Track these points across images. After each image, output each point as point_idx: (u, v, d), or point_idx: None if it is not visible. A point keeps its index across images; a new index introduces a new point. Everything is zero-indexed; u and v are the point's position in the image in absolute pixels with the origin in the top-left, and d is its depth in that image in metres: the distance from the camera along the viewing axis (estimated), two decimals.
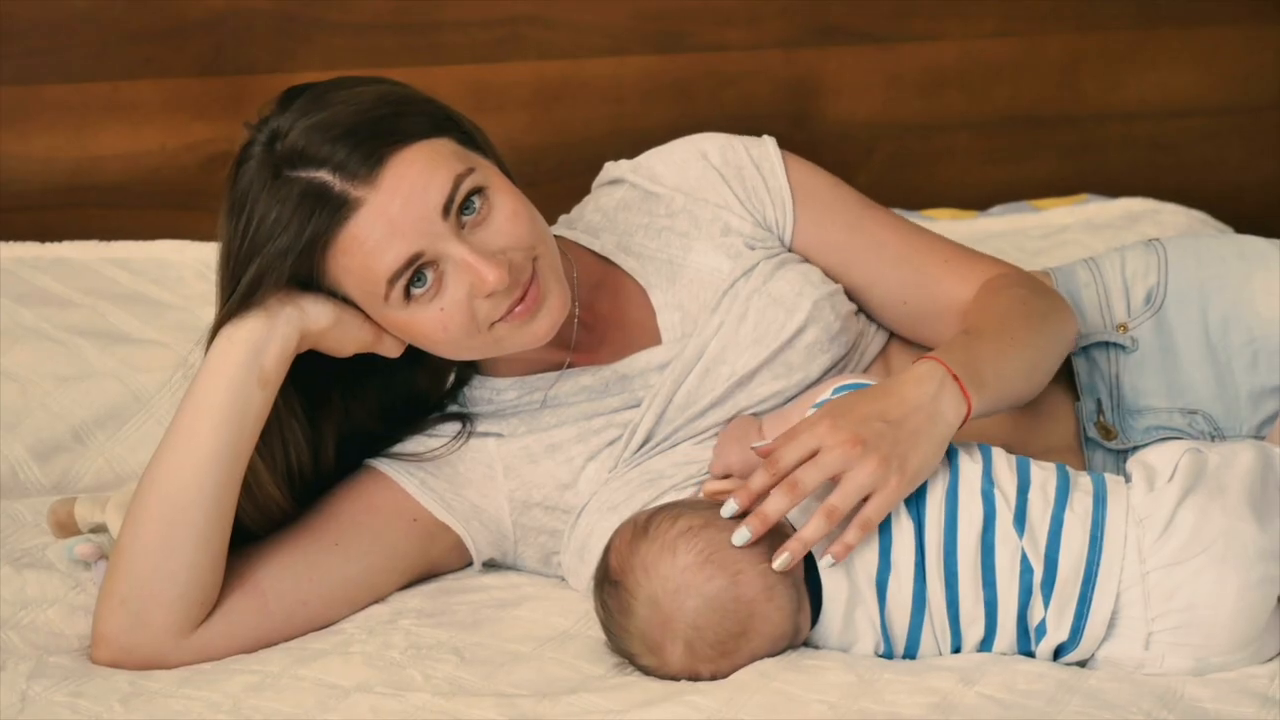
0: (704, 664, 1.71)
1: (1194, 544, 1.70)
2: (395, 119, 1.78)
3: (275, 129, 1.79)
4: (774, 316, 1.92)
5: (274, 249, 1.77)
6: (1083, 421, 2.00)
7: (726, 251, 1.96)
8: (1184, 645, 1.71)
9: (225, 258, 1.82)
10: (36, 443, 2.24)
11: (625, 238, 1.99)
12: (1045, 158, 2.95)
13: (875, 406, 1.73)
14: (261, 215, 1.77)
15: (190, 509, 1.79)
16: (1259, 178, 3.01)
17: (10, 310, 2.38)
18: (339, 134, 1.76)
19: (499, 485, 1.93)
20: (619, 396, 1.93)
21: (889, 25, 2.84)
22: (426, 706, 1.70)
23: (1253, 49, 2.97)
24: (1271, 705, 1.65)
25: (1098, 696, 1.66)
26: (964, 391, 1.75)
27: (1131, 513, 1.73)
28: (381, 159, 1.76)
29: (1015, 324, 1.86)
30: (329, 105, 1.79)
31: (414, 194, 1.76)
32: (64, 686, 1.73)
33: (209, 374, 1.81)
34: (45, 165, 2.60)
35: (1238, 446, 1.79)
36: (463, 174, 1.78)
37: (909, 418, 1.72)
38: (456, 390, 1.98)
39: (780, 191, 1.98)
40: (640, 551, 1.71)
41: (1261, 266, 2.04)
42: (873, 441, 1.70)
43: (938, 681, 1.68)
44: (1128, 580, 1.71)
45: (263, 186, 1.77)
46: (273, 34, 2.63)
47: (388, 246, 1.76)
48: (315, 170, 1.76)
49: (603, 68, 2.75)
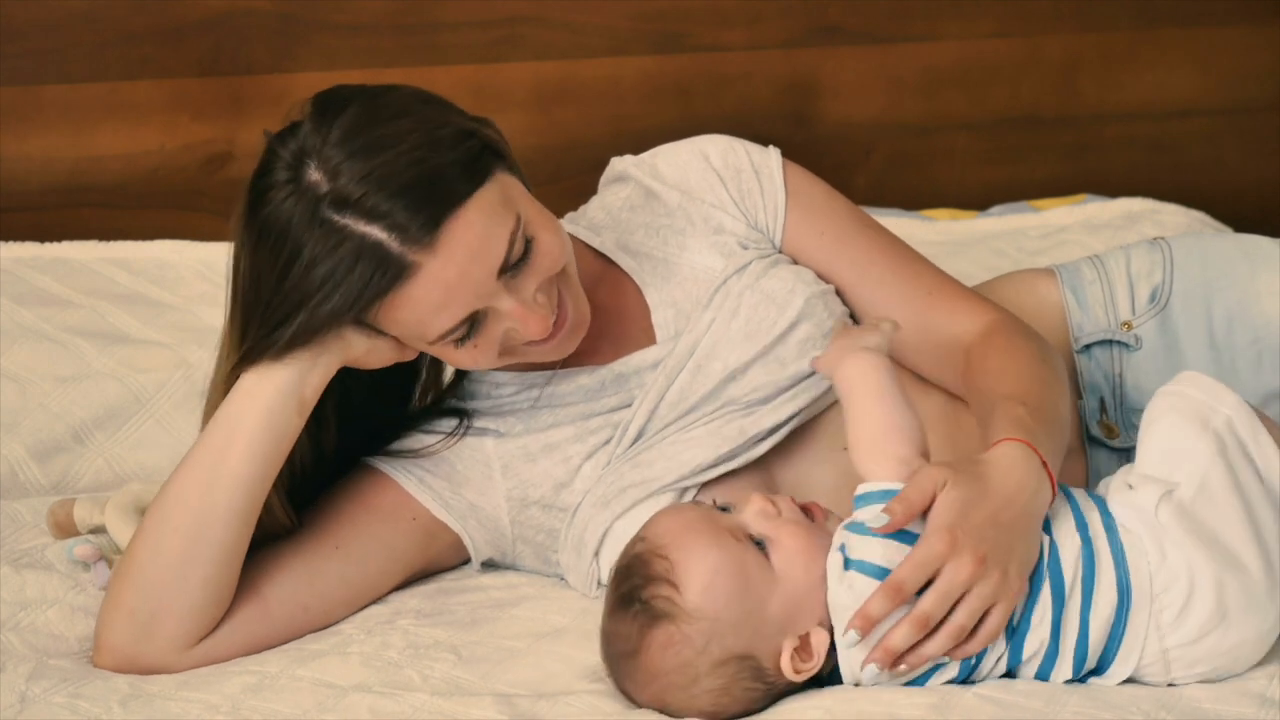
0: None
1: (1212, 618, 1.67)
2: (450, 170, 1.75)
3: (311, 152, 1.75)
4: (766, 313, 1.92)
5: (328, 309, 1.75)
6: (1085, 420, 2.00)
7: (720, 250, 1.96)
8: (1209, 684, 1.70)
9: (254, 285, 1.77)
10: (36, 443, 2.24)
11: (625, 236, 2.00)
12: (1045, 158, 2.95)
13: (988, 511, 1.66)
14: (309, 260, 1.74)
15: (216, 525, 1.79)
16: (1259, 178, 3.01)
17: (10, 310, 2.38)
18: (395, 190, 1.73)
19: (497, 484, 1.93)
20: (615, 396, 1.94)
21: (888, 25, 2.84)
22: (424, 707, 1.70)
23: (1253, 49, 2.97)
24: (1270, 705, 1.65)
25: (1097, 697, 1.66)
26: (1052, 479, 1.71)
27: (1151, 584, 1.69)
28: (439, 223, 1.74)
29: (1050, 391, 1.82)
30: (380, 149, 1.74)
31: (470, 260, 1.75)
32: (63, 688, 1.73)
33: (247, 396, 1.80)
34: (44, 165, 2.60)
35: (1199, 466, 1.72)
36: (514, 230, 1.78)
37: (1019, 520, 1.67)
38: (457, 383, 1.99)
39: (774, 195, 1.98)
40: (671, 672, 1.65)
41: (1267, 267, 2.04)
42: (992, 556, 1.64)
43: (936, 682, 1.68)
44: (1149, 657, 1.69)
45: (307, 225, 1.73)
46: (272, 34, 2.63)
47: (442, 309, 1.76)
48: (369, 224, 1.73)
49: (602, 68, 2.75)
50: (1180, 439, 1.72)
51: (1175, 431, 1.73)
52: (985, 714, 1.63)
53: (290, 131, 1.77)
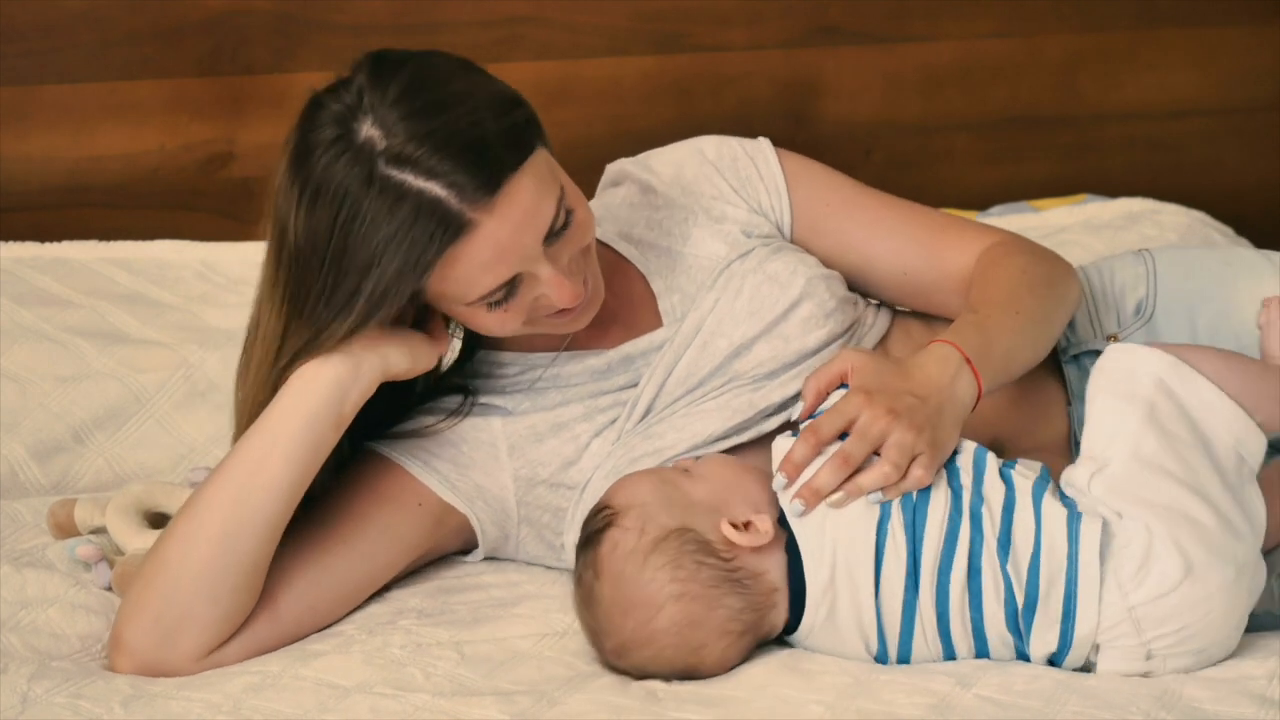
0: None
1: (1177, 570, 1.70)
2: (506, 136, 1.78)
3: (367, 110, 1.76)
4: (769, 292, 1.96)
5: (394, 269, 1.75)
6: (1074, 426, 2.01)
7: (723, 238, 2.00)
8: (1185, 653, 1.72)
9: (311, 249, 1.77)
10: (36, 443, 2.24)
11: (627, 228, 2.03)
12: (1044, 158, 2.95)
13: (904, 383, 1.79)
14: (371, 221, 1.75)
15: (250, 537, 1.80)
16: (1259, 178, 3.01)
17: (10, 310, 2.38)
18: (455, 151, 1.75)
19: (504, 464, 1.94)
20: (623, 376, 1.96)
21: (888, 25, 2.84)
22: (426, 706, 1.70)
23: (1253, 49, 2.97)
24: (1269, 705, 1.65)
25: (1096, 697, 1.67)
26: (976, 375, 1.82)
27: (1108, 543, 1.72)
28: (499, 184, 1.76)
29: (1019, 297, 1.92)
30: (437, 110, 1.76)
31: (525, 222, 1.78)
32: (65, 688, 1.73)
33: (288, 411, 1.81)
34: (44, 165, 2.60)
35: (1129, 440, 1.76)
36: (560, 199, 1.81)
37: (933, 396, 1.79)
38: (460, 365, 2.00)
39: (774, 178, 2.03)
40: (630, 577, 1.73)
41: (1248, 274, 2.06)
42: (906, 413, 1.76)
43: (935, 684, 1.68)
44: (1114, 616, 1.71)
45: (364, 185, 1.74)
46: (272, 34, 2.63)
47: (490, 270, 1.79)
48: (427, 181, 1.75)
49: (602, 68, 2.76)
50: (1110, 417, 1.78)
51: (1105, 412, 1.79)
52: (985, 714, 1.64)
53: (342, 86, 1.79)
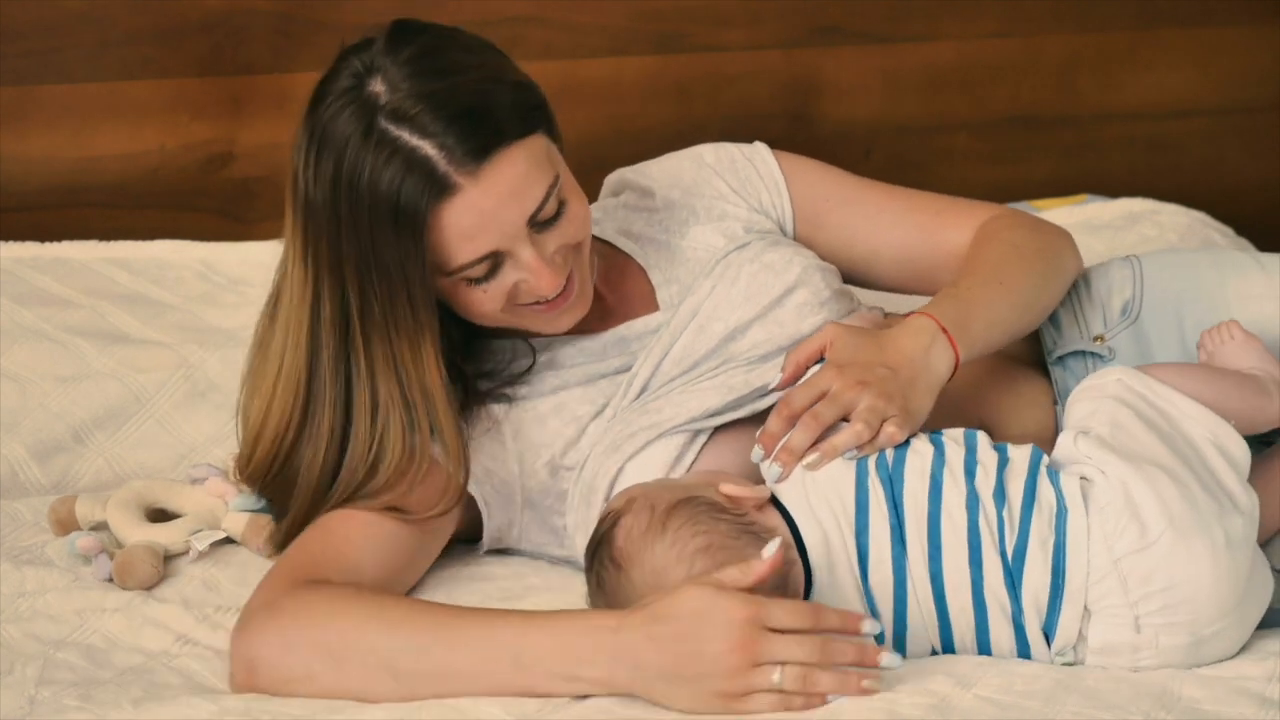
0: None
1: (1159, 519, 1.72)
2: (505, 110, 1.82)
3: (379, 67, 1.82)
4: (765, 279, 2.00)
5: (390, 222, 1.79)
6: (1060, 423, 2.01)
7: (723, 234, 2.05)
8: (1174, 624, 1.72)
9: (322, 198, 1.81)
10: (36, 443, 2.24)
11: (626, 226, 2.08)
12: (1045, 158, 2.95)
13: (878, 355, 1.84)
14: (371, 176, 1.79)
15: (424, 693, 1.71)
16: (1259, 178, 3.01)
17: (10, 310, 2.37)
18: (451, 114, 1.80)
19: (508, 448, 1.95)
20: (619, 358, 1.99)
21: (888, 25, 2.84)
22: (430, 704, 1.69)
23: (1253, 49, 2.97)
24: (1269, 706, 1.65)
25: (1096, 697, 1.67)
26: (953, 344, 1.86)
27: (1091, 494, 1.75)
28: (488, 153, 1.81)
29: (1006, 267, 1.96)
30: (443, 74, 1.82)
31: (509, 197, 1.82)
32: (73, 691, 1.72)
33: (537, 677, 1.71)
34: (44, 165, 2.59)
35: (1106, 412, 1.81)
36: (552, 186, 1.84)
37: (905, 366, 1.83)
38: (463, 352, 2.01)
39: (772, 177, 2.09)
40: (655, 549, 1.74)
41: (1236, 274, 2.08)
42: (876, 383, 1.81)
43: (935, 684, 1.68)
44: (1101, 570, 1.72)
45: (364, 138, 1.80)
46: (272, 34, 2.63)
47: (470, 239, 1.82)
48: (420, 139, 1.80)
49: (602, 68, 2.76)
50: (1086, 409, 1.83)
51: (1082, 410, 1.84)
52: (985, 714, 1.64)
53: (365, 44, 1.86)
